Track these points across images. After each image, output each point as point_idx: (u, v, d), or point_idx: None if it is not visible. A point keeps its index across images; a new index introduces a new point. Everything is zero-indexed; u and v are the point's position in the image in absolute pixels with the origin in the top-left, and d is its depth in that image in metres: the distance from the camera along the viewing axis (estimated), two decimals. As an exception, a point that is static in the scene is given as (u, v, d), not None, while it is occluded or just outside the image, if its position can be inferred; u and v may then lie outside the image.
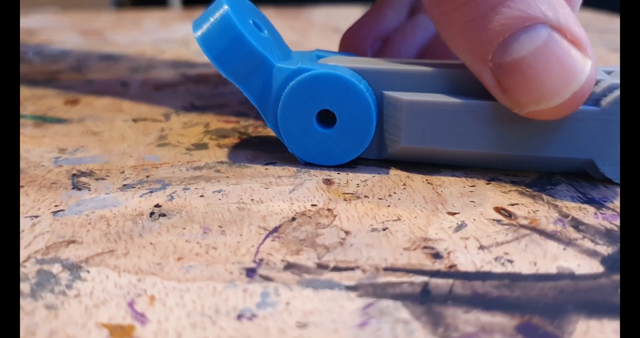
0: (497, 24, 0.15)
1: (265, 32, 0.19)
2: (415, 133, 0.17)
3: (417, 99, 0.17)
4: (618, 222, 0.15)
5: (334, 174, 0.18)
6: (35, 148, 0.21)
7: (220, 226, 0.15)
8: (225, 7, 0.17)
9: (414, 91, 0.18)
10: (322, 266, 0.13)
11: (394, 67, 0.18)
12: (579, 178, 0.18)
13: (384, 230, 0.15)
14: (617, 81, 0.16)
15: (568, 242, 0.14)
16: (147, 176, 0.18)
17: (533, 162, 0.18)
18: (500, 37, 0.15)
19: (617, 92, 0.16)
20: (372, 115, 0.18)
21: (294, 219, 0.15)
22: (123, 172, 0.18)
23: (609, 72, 0.18)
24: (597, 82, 0.17)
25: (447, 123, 0.17)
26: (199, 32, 0.18)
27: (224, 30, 0.17)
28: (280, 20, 0.56)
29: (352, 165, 0.19)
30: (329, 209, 0.16)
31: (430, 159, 0.18)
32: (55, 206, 0.16)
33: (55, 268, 0.13)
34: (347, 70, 0.18)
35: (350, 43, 0.24)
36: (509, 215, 0.15)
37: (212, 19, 0.18)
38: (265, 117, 0.18)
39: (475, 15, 0.15)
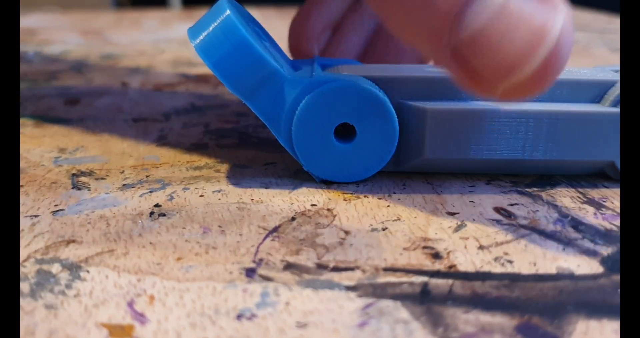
0: (444, 0, 0.13)
1: (267, 43, 0.18)
2: (439, 143, 0.17)
3: (440, 108, 0.17)
4: (618, 222, 0.15)
5: (333, 174, 0.18)
6: (35, 148, 0.21)
7: (220, 226, 0.15)
8: (227, 11, 0.16)
9: (430, 98, 0.17)
10: (321, 266, 0.13)
11: (410, 75, 0.17)
12: (578, 179, 0.18)
13: (383, 230, 0.15)
14: None
15: (568, 242, 0.14)
16: (146, 176, 0.18)
17: (555, 166, 0.18)
18: (451, 12, 0.13)
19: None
20: (395, 126, 0.17)
21: (293, 219, 0.15)
22: (123, 172, 0.18)
23: (617, 71, 0.18)
24: (614, 83, 0.17)
25: (472, 131, 0.17)
26: (198, 40, 0.16)
27: (226, 35, 0.16)
28: (280, 20, 0.56)
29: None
30: (328, 209, 0.16)
31: (450, 169, 0.18)
32: (55, 205, 0.16)
33: (55, 268, 0.13)
34: (364, 80, 0.17)
35: (298, 34, 0.23)
36: (509, 215, 0.15)
37: (213, 25, 0.16)
38: (277, 133, 0.17)
39: None
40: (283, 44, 0.21)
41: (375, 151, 0.17)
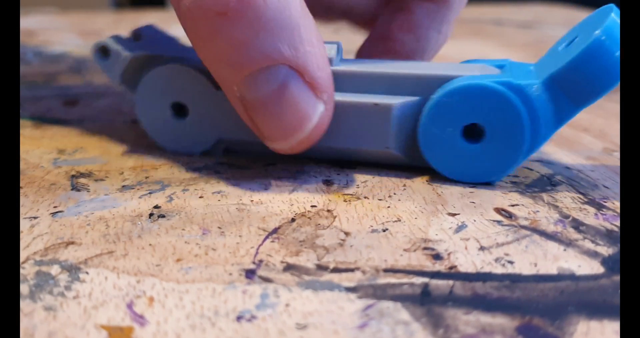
0: (239, 61, 0.15)
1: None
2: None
3: None
4: (618, 223, 0.15)
5: (333, 175, 0.18)
6: (34, 149, 0.21)
7: (219, 227, 0.15)
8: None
9: None
10: (321, 268, 0.13)
11: None
12: (579, 179, 0.18)
13: (384, 230, 0.15)
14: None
15: (568, 243, 0.14)
16: (146, 177, 0.18)
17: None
18: (242, 74, 0.15)
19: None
20: None
21: (293, 220, 0.15)
22: (122, 173, 0.18)
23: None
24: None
25: None
26: None
27: None
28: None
29: (351, 166, 0.19)
30: (328, 211, 0.16)
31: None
32: (54, 207, 0.16)
33: (54, 270, 0.13)
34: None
35: None
36: (510, 215, 0.15)
37: None
38: None
39: (222, 50, 0.15)
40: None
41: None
